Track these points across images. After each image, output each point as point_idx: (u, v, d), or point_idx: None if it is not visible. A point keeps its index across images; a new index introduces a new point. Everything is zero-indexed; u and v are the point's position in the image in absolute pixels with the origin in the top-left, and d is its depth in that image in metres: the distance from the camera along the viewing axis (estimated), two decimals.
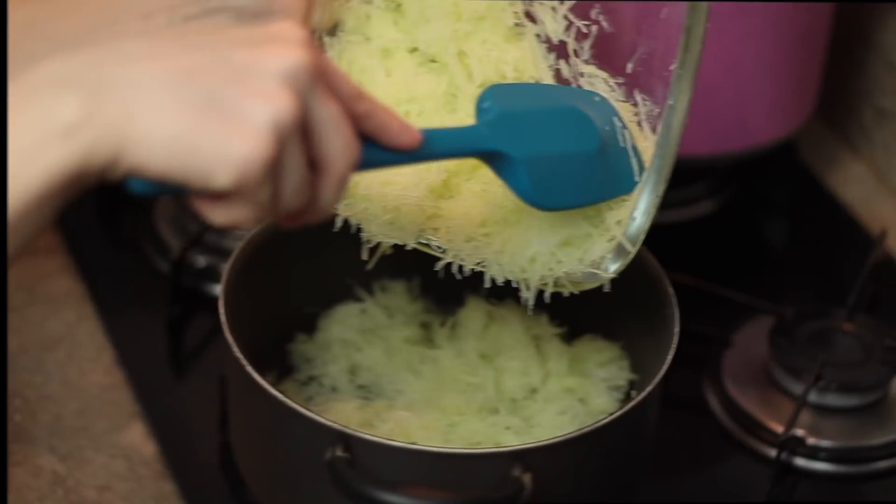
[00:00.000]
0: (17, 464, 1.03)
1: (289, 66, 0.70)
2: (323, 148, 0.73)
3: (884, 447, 1.07)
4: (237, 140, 0.68)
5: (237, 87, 0.69)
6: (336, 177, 0.74)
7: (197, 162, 0.68)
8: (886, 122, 1.32)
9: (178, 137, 0.68)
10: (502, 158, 0.84)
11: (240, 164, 0.69)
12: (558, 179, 0.86)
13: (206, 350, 1.12)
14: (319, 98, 0.72)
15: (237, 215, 0.72)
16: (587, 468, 0.92)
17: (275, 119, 0.69)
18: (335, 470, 0.87)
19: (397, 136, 0.77)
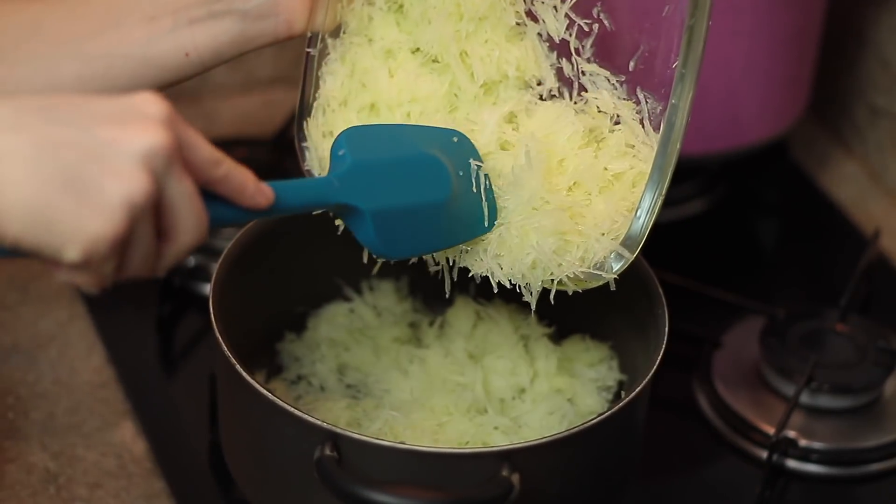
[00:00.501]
0: (9, 461, 1.03)
1: (147, 146, 0.73)
2: (173, 221, 0.75)
3: (876, 449, 1.07)
4: (90, 218, 0.71)
5: (96, 165, 0.71)
6: (182, 248, 0.77)
7: (50, 236, 0.71)
8: (880, 120, 1.32)
9: (35, 212, 0.70)
10: (351, 210, 0.86)
11: (89, 242, 0.71)
12: (406, 229, 0.88)
13: (196, 349, 1.12)
14: (174, 177, 0.74)
15: (80, 281, 0.74)
16: (575, 469, 0.92)
17: (128, 199, 0.72)
18: (324, 469, 0.87)
19: (251, 197, 0.80)
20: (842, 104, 1.35)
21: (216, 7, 0.93)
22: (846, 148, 1.36)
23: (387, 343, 1.03)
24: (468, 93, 0.92)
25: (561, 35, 0.92)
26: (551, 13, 0.92)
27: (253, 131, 1.31)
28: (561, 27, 0.92)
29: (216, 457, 1.01)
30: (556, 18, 0.92)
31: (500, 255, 0.90)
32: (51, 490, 1.02)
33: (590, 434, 0.90)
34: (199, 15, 0.92)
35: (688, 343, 1.11)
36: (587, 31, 0.92)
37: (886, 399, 1.10)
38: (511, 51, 0.92)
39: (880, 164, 1.32)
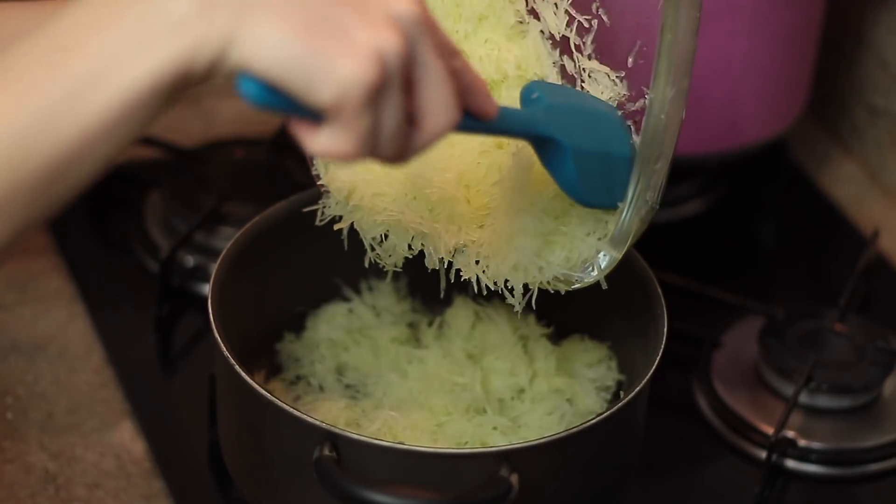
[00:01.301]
0: (8, 461, 1.04)
1: (402, 10, 0.72)
2: (424, 100, 0.74)
3: (876, 449, 1.07)
4: (343, 59, 0.70)
5: (351, 16, 0.71)
6: (431, 133, 0.75)
7: (302, 71, 0.70)
8: (878, 120, 1.32)
9: (288, 44, 0.70)
10: (554, 146, 0.86)
11: (343, 82, 0.70)
12: (599, 176, 0.88)
13: (195, 349, 1.12)
14: (427, 48, 0.73)
15: (334, 144, 0.73)
16: (574, 469, 0.92)
17: (382, 49, 0.71)
18: (322, 469, 0.87)
19: (483, 101, 0.79)
20: (841, 104, 1.35)
21: None
22: (845, 148, 1.36)
23: (386, 343, 1.03)
24: None
25: (561, 32, 0.92)
26: (551, 10, 0.92)
27: (253, 131, 1.31)
28: (561, 24, 0.92)
29: (215, 457, 1.01)
30: (556, 15, 0.92)
31: (486, 256, 0.90)
32: (49, 490, 1.02)
33: (589, 434, 0.90)
34: None
35: (687, 343, 1.11)
36: (587, 27, 0.92)
37: (885, 399, 1.10)
38: (511, 50, 0.92)
39: (879, 163, 1.32)
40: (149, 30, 0.70)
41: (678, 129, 0.87)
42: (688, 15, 0.84)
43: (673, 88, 0.85)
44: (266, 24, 0.70)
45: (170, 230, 1.19)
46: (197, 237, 1.16)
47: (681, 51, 0.85)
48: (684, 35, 0.84)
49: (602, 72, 0.91)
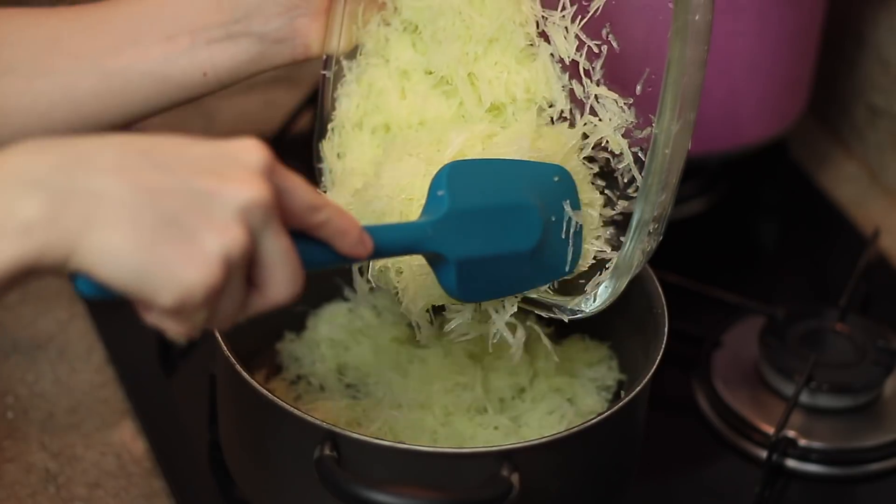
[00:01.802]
0: (9, 461, 1.04)
1: (246, 200, 0.72)
2: (266, 276, 0.75)
3: (876, 449, 1.07)
4: (187, 266, 0.71)
5: (194, 216, 0.71)
6: (272, 302, 0.77)
7: (145, 280, 0.71)
8: (879, 120, 1.32)
9: (131, 254, 0.70)
10: (440, 258, 0.86)
11: (184, 290, 0.71)
12: (487, 276, 0.89)
13: (196, 349, 1.12)
14: (270, 233, 0.74)
15: (170, 328, 0.74)
16: (575, 468, 0.92)
17: (226, 252, 0.72)
18: (323, 468, 0.87)
19: (352, 246, 0.79)
20: (841, 104, 1.35)
21: (234, 29, 0.93)
22: (846, 148, 1.36)
23: (386, 343, 1.03)
24: (476, 116, 0.92)
25: (571, 56, 0.92)
26: (561, 34, 0.92)
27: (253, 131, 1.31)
28: (571, 48, 0.92)
29: (216, 456, 1.01)
30: (567, 39, 0.92)
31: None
32: (50, 490, 1.02)
33: (589, 434, 0.90)
34: (217, 36, 0.93)
35: (687, 343, 1.11)
36: (597, 52, 0.91)
37: (886, 399, 1.10)
38: (520, 73, 0.92)
39: (880, 163, 1.32)
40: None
41: (684, 161, 0.87)
42: (694, 49, 0.84)
43: (678, 122, 0.85)
44: (110, 232, 0.70)
45: None
46: None
47: (687, 85, 0.84)
48: (691, 69, 0.84)
49: (610, 98, 0.91)
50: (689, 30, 0.83)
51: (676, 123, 0.85)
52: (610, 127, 0.91)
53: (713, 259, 1.24)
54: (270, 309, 0.77)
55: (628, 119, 0.91)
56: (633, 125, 0.91)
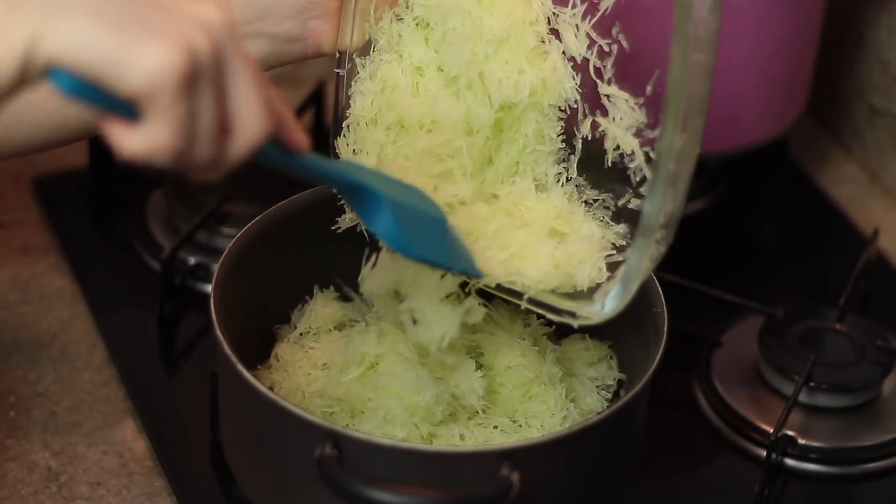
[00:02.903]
0: (10, 459, 1.04)
1: (210, 17, 0.73)
2: (236, 106, 0.75)
3: (875, 448, 1.07)
4: (152, 47, 0.71)
5: (158, 16, 0.72)
6: (244, 141, 0.75)
7: (111, 59, 0.70)
8: (878, 120, 1.32)
9: (95, 36, 0.70)
10: (368, 197, 0.85)
11: (152, 68, 0.71)
12: (419, 230, 0.88)
13: (197, 348, 1.12)
14: (236, 55, 0.74)
15: (149, 137, 0.73)
16: (575, 467, 0.92)
17: (191, 43, 0.72)
18: (324, 467, 0.87)
19: (294, 133, 0.79)
20: (841, 104, 1.35)
21: (246, 30, 0.94)
22: (845, 148, 1.36)
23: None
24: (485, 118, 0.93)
25: (582, 54, 0.92)
26: (572, 32, 0.92)
27: None
28: (582, 46, 0.92)
29: (217, 455, 1.01)
30: (577, 38, 0.92)
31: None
32: (52, 488, 1.02)
33: (589, 433, 0.90)
34: None
35: (687, 342, 1.12)
36: (607, 51, 0.91)
37: (885, 398, 1.10)
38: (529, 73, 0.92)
39: (879, 164, 1.32)
40: None
41: (692, 168, 0.86)
42: (699, 56, 0.82)
43: (684, 131, 0.83)
44: (73, 19, 0.70)
45: (172, 230, 1.19)
46: (199, 236, 1.16)
47: (693, 93, 0.83)
48: (696, 77, 0.82)
49: (621, 97, 0.91)
50: (690, 38, 0.82)
51: (681, 132, 0.84)
52: (621, 126, 0.91)
53: (713, 259, 1.24)
54: (247, 153, 0.76)
55: (639, 119, 0.91)
56: (645, 125, 0.91)
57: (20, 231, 1.22)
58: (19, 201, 1.24)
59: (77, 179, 1.25)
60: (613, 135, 0.91)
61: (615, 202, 0.93)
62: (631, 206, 0.93)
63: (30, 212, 1.23)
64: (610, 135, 0.92)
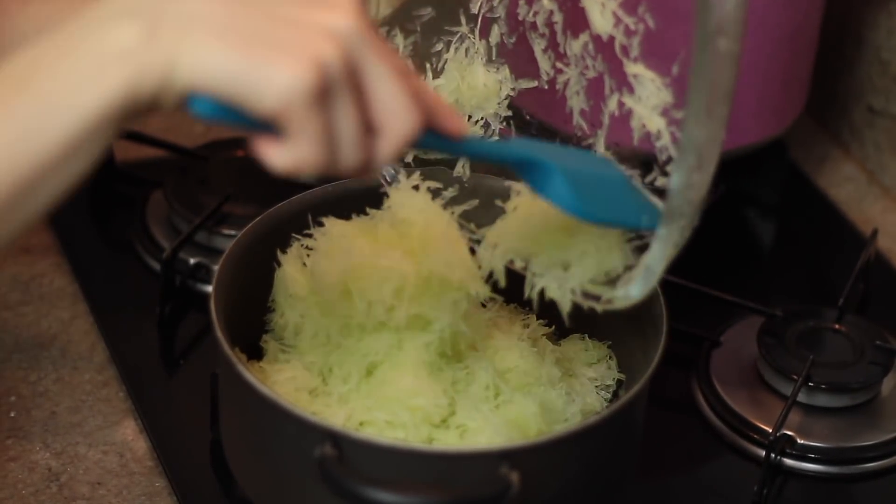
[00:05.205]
0: (11, 459, 1.04)
1: (339, 24, 0.74)
2: (379, 106, 0.75)
3: (874, 448, 1.07)
4: (281, 66, 0.72)
5: (287, 30, 0.73)
6: (393, 139, 0.76)
7: (243, 81, 0.72)
8: (877, 120, 1.32)
9: (226, 58, 0.72)
10: (540, 170, 0.85)
11: (283, 87, 0.72)
12: (596, 191, 0.87)
13: (198, 348, 1.12)
14: (371, 55, 0.74)
15: (292, 154, 0.74)
16: (575, 467, 0.92)
17: (319, 56, 0.73)
18: (324, 467, 0.87)
19: (451, 118, 0.79)
20: (840, 105, 1.35)
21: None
22: (844, 148, 1.36)
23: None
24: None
25: (608, 32, 0.91)
26: (598, 9, 0.91)
27: None
28: (608, 24, 0.91)
29: (217, 455, 1.01)
30: (603, 15, 0.91)
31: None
32: (52, 489, 1.02)
33: (589, 433, 0.90)
34: None
35: (686, 342, 1.12)
36: (633, 30, 0.91)
37: (884, 398, 1.10)
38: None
39: (878, 164, 1.32)
40: (96, 62, 0.73)
41: (718, 154, 0.85)
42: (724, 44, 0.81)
43: (708, 124, 0.82)
44: (204, 42, 0.72)
45: (172, 230, 1.19)
46: (199, 237, 1.16)
47: (717, 81, 0.82)
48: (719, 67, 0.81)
49: (648, 77, 0.90)
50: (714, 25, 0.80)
51: (706, 121, 0.82)
52: (647, 106, 0.91)
53: (712, 259, 1.23)
54: (396, 149, 0.76)
55: (666, 99, 0.90)
56: (671, 105, 0.90)
57: None
58: None
59: None
60: (639, 114, 0.91)
61: (643, 179, 0.93)
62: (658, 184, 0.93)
63: None
64: (636, 114, 0.91)
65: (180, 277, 1.15)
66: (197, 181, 1.20)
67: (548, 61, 0.95)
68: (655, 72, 0.90)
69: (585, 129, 0.95)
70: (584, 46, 0.94)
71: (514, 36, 0.97)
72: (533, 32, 0.96)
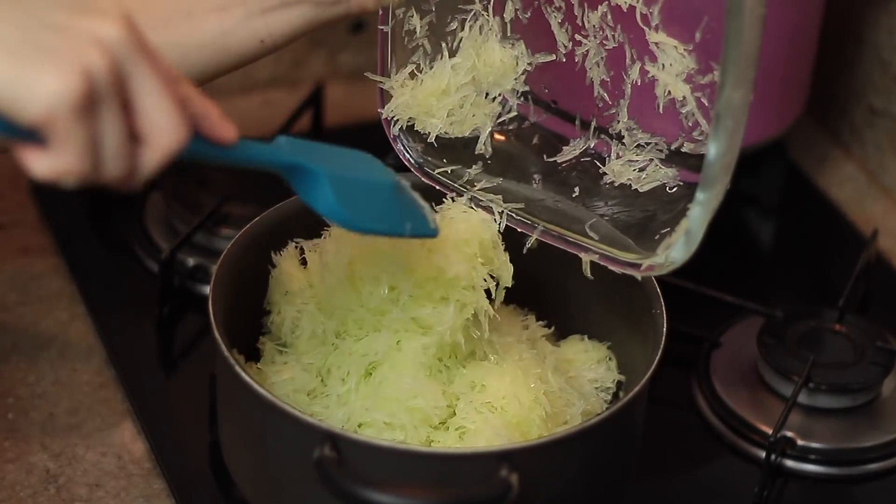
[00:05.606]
0: (9, 461, 1.04)
1: (107, 33, 0.74)
2: (145, 116, 0.75)
3: (875, 449, 1.07)
4: (47, 75, 0.72)
5: (54, 38, 0.72)
6: (157, 151, 0.76)
7: (9, 89, 0.71)
8: (878, 121, 1.32)
9: None
10: (306, 175, 0.85)
11: (47, 95, 0.72)
12: (362, 200, 0.87)
13: (196, 349, 1.12)
14: (139, 66, 0.74)
15: (55, 162, 0.74)
16: (574, 469, 0.92)
17: (86, 65, 0.72)
18: (323, 469, 0.87)
19: (218, 126, 0.79)
20: (840, 105, 1.35)
21: None
22: (845, 148, 1.36)
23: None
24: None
25: (629, 2, 0.91)
26: None
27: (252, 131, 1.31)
28: None
29: (216, 457, 1.01)
30: None
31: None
32: (51, 490, 1.02)
33: (589, 434, 0.90)
34: (272, 4, 0.93)
35: (686, 343, 1.12)
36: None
37: (884, 399, 1.10)
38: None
39: (879, 164, 1.32)
40: None
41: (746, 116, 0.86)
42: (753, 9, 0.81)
43: (740, 89, 0.83)
44: None
45: (170, 231, 1.19)
46: (197, 238, 1.16)
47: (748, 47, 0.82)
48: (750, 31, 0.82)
49: (670, 44, 0.90)
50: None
51: (739, 87, 0.83)
52: (671, 73, 0.91)
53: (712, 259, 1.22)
54: (160, 161, 0.76)
55: (689, 65, 0.90)
56: (695, 71, 0.90)
57: (19, 232, 1.22)
58: (18, 203, 1.24)
59: None
60: (664, 81, 0.91)
61: (668, 145, 0.93)
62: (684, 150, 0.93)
63: (29, 213, 1.23)
64: (661, 81, 0.91)
65: (179, 278, 1.15)
66: (195, 182, 1.20)
67: (565, 34, 0.95)
68: (678, 39, 0.90)
69: (607, 99, 0.95)
70: (603, 17, 0.94)
71: (528, 11, 0.97)
72: (548, 6, 0.96)
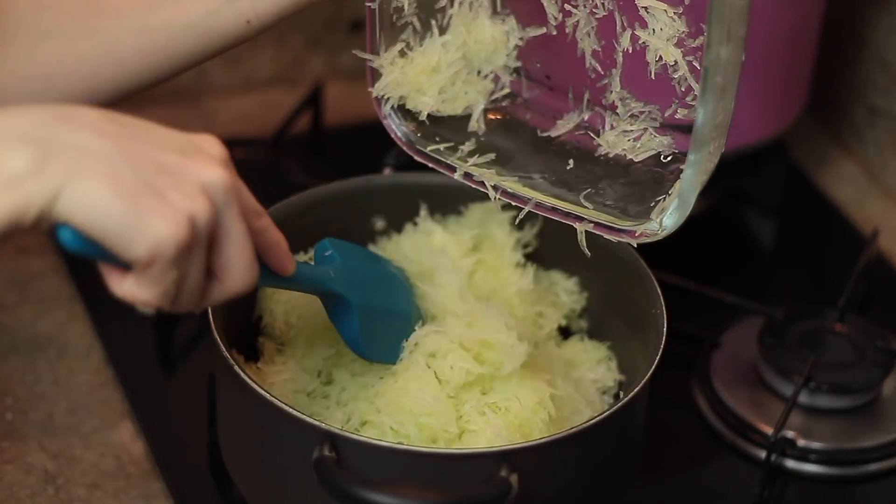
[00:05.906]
0: (8, 462, 1.04)
1: (212, 179, 0.78)
2: (225, 259, 0.79)
3: (875, 449, 1.07)
4: (159, 220, 0.75)
5: (168, 183, 0.76)
6: (228, 289, 0.80)
7: (120, 229, 0.75)
8: (878, 120, 1.32)
9: (109, 204, 0.74)
10: (342, 303, 0.92)
11: (156, 240, 0.75)
12: (381, 333, 0.94)
13: (195, 349, 1.12)
14: (231, 213, 0.78)
15: (139, 292, 0.78)
16: (574, 469, 0.92)
17: (193, 213, 0.76)
18: (322, 469, 0.87)
19: (281, 259, 0.84)
20: (841, 104, 1.35)
21: None
22: (845, 148, 1.36)
23: None
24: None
25: None
26: None
27: (252, 131, 1.32)
28: None
29: (215, 457, 1.01)
30: None
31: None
32: (49, 491, 1.02)
33: (589, 434, 0.90)
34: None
35: (686, 343, 1.11)
36: None
37: (885, 399, 1.10)
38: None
39: (879, 164, 1.32)
40: None
41: (738, 76, 0.86)
42: None
43: (728, 45, 0.83)
44: (90, 185, 0.74)
45: None
46: None
47: (734, 4, 0.82)
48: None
49: (660, 8, 0.90)
50: None
51: (727, 42, 0.83)
52: (662, 38, 0.91)
53: (712, 259, 1.24)
54: (227, 297, 0.81)
55: (680, 28, 0.90)
56: (686, 34, 0.90)
57: None
58: None
59: None
60: (655, 47, 0.91)
61: (661, 113, 0.93)
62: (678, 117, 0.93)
63: None
64: (651, 47, 0.91)
65: None
66: None
67: (555, 6, 0.95)
68: (667, 2, 0.90)
69: (599, 69, 0.95)
70: None
71: None
72: None
